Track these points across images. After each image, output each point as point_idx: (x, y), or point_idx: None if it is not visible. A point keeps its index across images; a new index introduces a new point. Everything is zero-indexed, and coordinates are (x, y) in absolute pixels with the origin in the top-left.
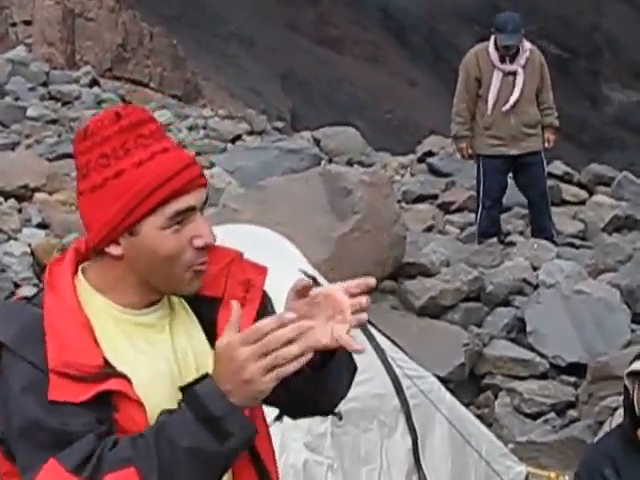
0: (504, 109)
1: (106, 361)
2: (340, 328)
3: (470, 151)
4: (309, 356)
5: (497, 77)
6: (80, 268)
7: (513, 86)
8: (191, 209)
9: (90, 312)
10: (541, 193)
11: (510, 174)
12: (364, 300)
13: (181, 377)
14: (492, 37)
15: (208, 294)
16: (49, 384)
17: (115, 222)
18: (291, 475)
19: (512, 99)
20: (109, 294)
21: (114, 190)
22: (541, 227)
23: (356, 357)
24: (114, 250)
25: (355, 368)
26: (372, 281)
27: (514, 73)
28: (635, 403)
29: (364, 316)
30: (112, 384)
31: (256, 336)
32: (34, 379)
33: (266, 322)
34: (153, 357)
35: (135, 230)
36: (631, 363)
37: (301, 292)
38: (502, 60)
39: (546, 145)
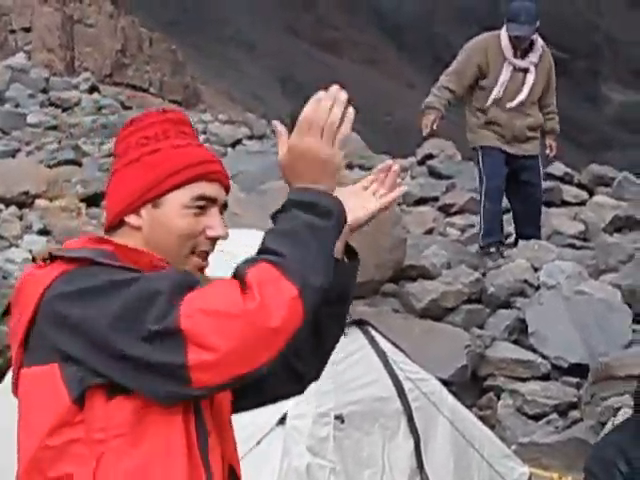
0: (509, 106)
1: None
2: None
3: (435, 127)
4: (351, 112)
5: (507, 70)
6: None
7: (522, 84)
8: (214, 200)
9: None
10: (535, 200)
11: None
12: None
13: None
14: (504, 26)
15: None
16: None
17: (142, 190)
18: (294, 479)
19: (520, 98)
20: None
21: (148, 163)
22: (529, 236)
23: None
24: (134, 220)
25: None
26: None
27: (525, 70)
28: None
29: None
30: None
31: (305, 125)
32: (133, 274)
33: (306, 108)
34: None
35: (159, 202)
36: None
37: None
38: (514, 54)
39: (547, 152)
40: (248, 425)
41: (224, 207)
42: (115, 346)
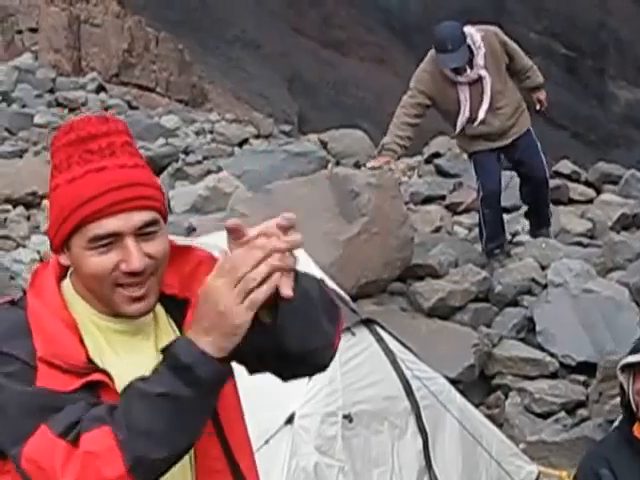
0: (475, 125)
1: (90, 360)
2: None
3: (392, 166)
4: (278, 277)
5: (464, 91)
6: (69, 273)
7: (482, 93)
8: (115, 234)
9: (76, 316)
10: (540, 179)
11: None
12: (298, 238)
13: None
14: (432, 52)
15: (180, 296)
16: (37, 373)
17: (51, 234)
18: (302, 478)
19: (483, 108)
20: (87, 300)
21: (52, 203)
22: (539, 214)
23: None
24: (63, 260)
25: (338, 311)
26: (292, 215)
27: (479, 78)
28: (631, 398)
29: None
30: (98, 376)
31: (228, 266)
32: (20, 369)
33: (239, 250)
34: (137, 363)
35: (67, 245)
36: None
37: (235, 234)
38: (459, 72)
39: (538, 107)
40: (256, 425)
41: (152, 225)
42: None
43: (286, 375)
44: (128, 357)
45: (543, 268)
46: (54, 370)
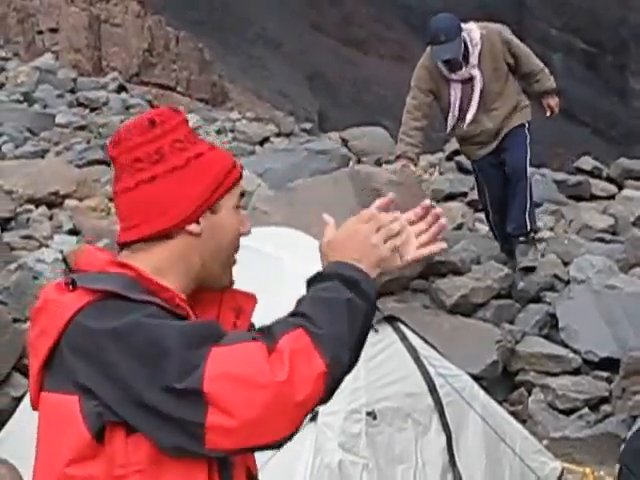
0: (466, 125)
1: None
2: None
3: (413, 167)
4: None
5: (455, 89)
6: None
7: (472, 93)
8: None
9: None
10: (517, 168)
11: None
12: (438, 210)
13: None
14: (430, 48)
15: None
16: (175, 312)
17: (201, 198)
18: (326, 476)
19: (471, 111)
20: (166, 279)
21: (198, 169)
22: (511, 215)
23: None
24: (195, 228)
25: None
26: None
27: (471, 78)
28: None
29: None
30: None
31: (368, 215)
32: (158, 311)
33: (376, 209)
34: None
35: (216, 208)
36: None
37: (384, 207)
38: (453, 69)
39: (548, 115)
40: None
41: None
42: (134, 392)
43: None
44: None
45: (565, 264)
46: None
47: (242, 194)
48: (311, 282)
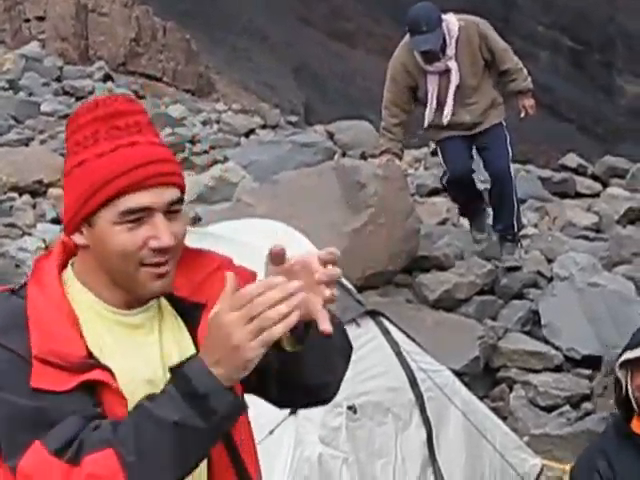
0: (445, 121)
1: (90, 354)
2: (316, 301)
3: (398, 162)
4: (295, 318)
5: (432, 81)
6: (70, 262)
7: (448, 85)
8: (146, 209)
9: (77, 307)
10: (501, 169)
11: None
12: (338, 272)
13: (165, 380)
14: (406, 38)
15: (193, 300)
16: (32, 371)
17: (73, 210)
18: (306, 469)
19: (447, 108)
20: (94, 290)
21: (76, 178)
22: (499, 216)
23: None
24: (78, 239)
25: (350, 348)
26: (336, 251)
27: (448, 70)
28: (630, 394)
29: (333, 291)
30: (96, 374)
31: (243, 300)
32: (15, 366)
33: (253, 286)
34: (139, 358)
35: (92, 221)
36: (620, 355)
37: (276, 259)
38: (430, 60)
39: (522, 116)
40: (260, 415)
41: (177, 203)
42: None
43: (284, 404)
44: (130, 350)
45: (549, 261)
46: (50, 367)
47: (142, 210)
48: (171, 371)
